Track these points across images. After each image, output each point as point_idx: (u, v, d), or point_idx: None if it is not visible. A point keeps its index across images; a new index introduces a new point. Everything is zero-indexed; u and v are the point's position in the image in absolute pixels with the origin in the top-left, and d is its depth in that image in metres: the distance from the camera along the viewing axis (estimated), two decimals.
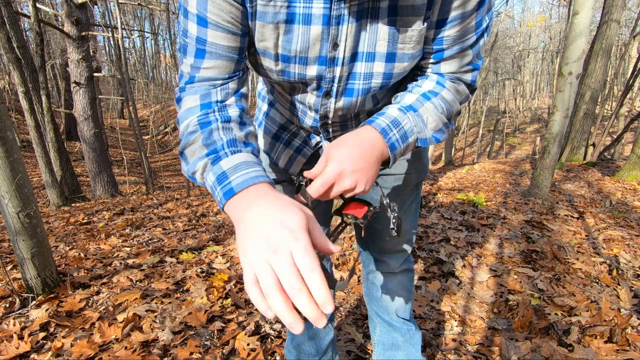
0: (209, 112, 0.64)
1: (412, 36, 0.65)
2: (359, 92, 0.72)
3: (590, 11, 3.70)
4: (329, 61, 0.67)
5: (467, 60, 0.70)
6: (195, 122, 0.63)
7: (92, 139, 7.31)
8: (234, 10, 0.61)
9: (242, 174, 0.55)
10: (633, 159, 5.37)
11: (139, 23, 26.39)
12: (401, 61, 0.68)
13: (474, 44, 0.68)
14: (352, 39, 0.65)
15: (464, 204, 3.69)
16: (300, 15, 0.63)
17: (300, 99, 0.78)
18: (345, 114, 0.79)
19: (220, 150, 0.59)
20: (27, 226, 1.73)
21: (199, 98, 0.64)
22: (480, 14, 0.64)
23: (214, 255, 2.50)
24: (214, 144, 0.60)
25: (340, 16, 0.62)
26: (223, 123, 0.63)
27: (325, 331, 1.16)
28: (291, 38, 0.65)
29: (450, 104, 0.71)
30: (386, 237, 1.00)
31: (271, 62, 0.69)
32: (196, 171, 0.61)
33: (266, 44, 0.66)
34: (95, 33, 7.89)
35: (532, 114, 25.46)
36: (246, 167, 0.56)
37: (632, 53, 12.22)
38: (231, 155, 0.58)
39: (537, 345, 1.48)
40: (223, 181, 0.55)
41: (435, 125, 0.70)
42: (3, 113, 1.69)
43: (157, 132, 23.11)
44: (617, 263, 2.23)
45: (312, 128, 0.85)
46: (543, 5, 35.50)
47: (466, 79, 0.73)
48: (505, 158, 12.10)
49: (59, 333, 1.54)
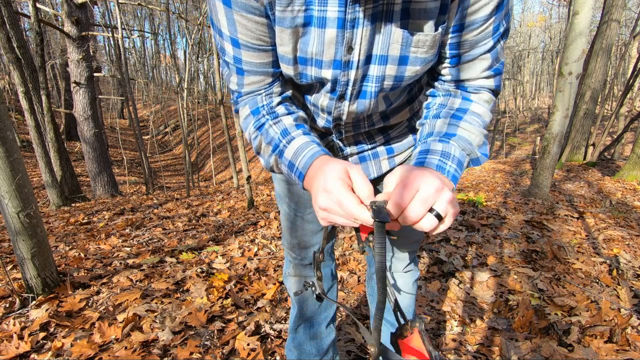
0: (259, 116, 0.73)
1: (426, 40, 0.64)
2: (372, 95, 0.72)
3: (590, 11, 3.70)
4: (344, 65, 0.67)
5: (486, 65, 0.69)
6: (253, 128, 0.73)
7: (92, 139, 7.31)
8: (260, 27, 0.65)
9: (302, 157, 0.65)
10: (633, 159, 5.37)
11: (139, 23, 26.40)
12: (413, 65, 0.67)
13: (491, 49, 0.67)
14: (367, 42, 0.64)
15: (464, 204, 3.69)
16: (316, 18, 0.63)
17: (314, 101, 0.78)
18: (358, 116, 0.79)
19: (279, 143, 0.69)
20: (27, 226, 1.73)
21: (249, 107, 0.74)
22: (497, 19, 0.63)
23: (214, 255, 2.50)
24: (273, 140, 0.70)
25: (355, 19, 0.62)
26: (273, 120, 0.72)
27: (327, 331, 1.16)
28: (307, 40, 0.65)
29: (482, 116, 0.70)
30: (392, 236, 1.00)
31: (290, 67, 0.70)
32: (273, 165, 0.73)
33: (285, 48, 0.67)
34: (95, 33, 7.89)
35: (532, 114, 25.46)
36: (303, 150, 0.66)
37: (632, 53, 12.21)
38: (289, 145, 0.68)
39: (537, 345, 1.48)
40: (292, 168, 0.67)
41: (479, 140, 0.68)
42: (3, 113, 1.69)
43: (157, 132, 23.11)
44: (617, 263, 2.23)
45: (324, 128, 0.85)
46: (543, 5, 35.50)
47: (490, 85, 0.71)
48: (505, 158, 12.10)
49: (59, 333, 1.54)
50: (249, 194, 4.09)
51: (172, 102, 24.97)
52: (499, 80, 0.72)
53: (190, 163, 9.51)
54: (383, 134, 0.89)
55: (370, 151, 0.90)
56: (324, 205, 0.55)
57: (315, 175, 0.60)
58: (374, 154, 0.91)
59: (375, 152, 0.91)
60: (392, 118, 0.85)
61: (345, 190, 0.53)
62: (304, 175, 0.65)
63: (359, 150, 0.90)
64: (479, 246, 2.56)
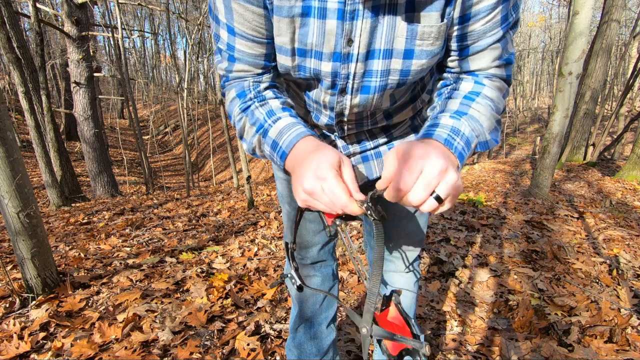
0: (245, 99, 0.72)
1: (431, 32, 0.63)
2: (376, 90, 0.71)
3: (590, 11, 3.70)
4: (344, 57, 0.66)
5: (497, 55, 0.67)
6: (238, 110, 0.73)
7: (92, 139, 7.31)
8: (256, 18, 0.66)
9: (287, 136, 0.65)
10: (633, 159, 5.37)
11: (139, 23, 26.39)
12: (419, 58, 0.66)
13: (501, 39, 0.65)
14: (367, 35, 0.64)
15: (464, 204, 3.69)
16: (316, 9, 0.63)
17: (315, 97, 0.78)
18: (361, 112, 0.78)
19: (264, 123, 0.68)
20: (27, 226, 1.73)
21: (235, 90, 0.74)
22: (505, 8, 0.62)
23: (214, 255, 2.50)
24: (258, 120, 0.69)
25: (354, 11, 0.62)
26: (260, 102, 0.72)
27: (327, 331, 1.15)
28: (307, 31, 0.65)
29: (495, 101, 0.68)
30: (395, 237, 1.00)
31: (287, 58, 0.69)
32: (255, 147, 0.72)
33: (282, 39, 0.67)
34: (95, 33, 7.89)
35: (532, 114, 25.46)
36: (288, 129, 0.65)
37: (632, 53, 12.21)
38: (274, 125, 0.67)
39: (537, 345, 1.48)
40: (276, 147, 0.66)
41: (490, 124, 0.66)
42: (3, 113, 1.69)
43: (157, 132, 23.11)
44: (617, 263, 2.23)
45: (326, 126, 0.84)
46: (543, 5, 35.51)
47: (501, 74, 0.70)
48: (505, 158, 12.10)
49: (59, 333, 1.54)
50: (249, 194, 4.09)
51: (172, 102, 24.97)
52: (510, 70, 0.71)
53: (190, 163, 9.51)
54: (386, 132, 0.89)
55: (373, 151, 0.90)
56: (310, 189, 0.55)
57: (303, 157, 0.60)
58: (377, 153, 0.90)
59: (377, 152, 0.90)
60: (395, 117, 0.84)
61: (339, 180, 0.54)
62: (287, 154, 0.64)
63: (362, 150, 0.89)
64: (479, 246, 2.56)
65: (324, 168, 0.55)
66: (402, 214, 0.96)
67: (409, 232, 0.99)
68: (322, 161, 0.56)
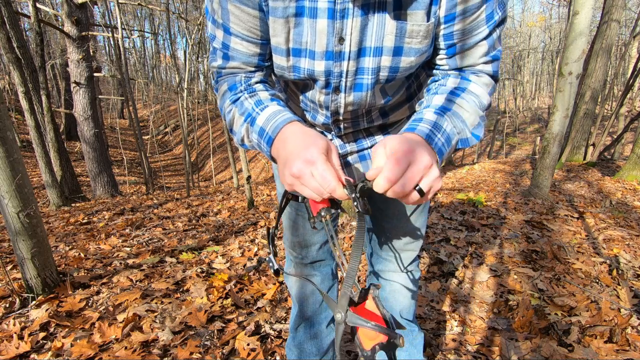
0: (236, 92, 0.74)
1: (419, 31, 0.65)
2: (368, 87, 0.72)
3: (590, 11, 3.70)
4: (336, 55, 0.68)
5: (483, 52, 0.69)
6: (229, 102, 0.74)
7: (92, 139, 7.31)
8: (252, 20, 0.67)
9: (273, 122, 0.66)
10: (633, 159, 5.37)
11: (139, 23, 26.38)
12: (408, 55, 0.68)
13: (487, 36, 0.67)
14: (358, 33, 0.65)
15: (464, 204, 3.69)
16: (308, 8, 0.64)
17: (311, 97, 0.79)
18: (356, 110, 0.79)
19: (252, 112, 0.70)
20: (27, 226, 1.73)
21: (227, 84, 0.76)
22: (489, 6, 0.63)
23: (214, 255, 2.50)
24: (247, 110, 0.71)
25: (344, 10, 0.63)
26: (249, 93, 0.74)
27: (327, 331, 1.16)
28: (301, 31, 0.67)
29: (480, 96, 0.70)
30: (394, 236, 1.00)
31: (283, 58, 0.71)
32: (243, 136, 0.72)
33: (278, 39, 0.68)
34: (95, 33, 7.89)
35: (532, 114, 25.46)
36: (275, 116, 0.66)
37: (632, 53, 12.21)
38: (262, 112, 0.69)
39: (537, 345, 1.48)
40: (262, 134, 0.67)
41: (473, 120, 0.68)
42: (3, 113, 1.69)
43: (157, 132, 23.10)
44: (617, 263, 2.23)
45: (323, 125, 0.85)
46: (543, 5, 35.50)
47: (487, 70, 0.72)
48: (505, 158, 12.10)
49: (59, 333, 1.54)
50: (249, 194, 4.09)
51: (172, 102, 24.97)
52: (497, 66, 0.73)
53: (190, 163, 9.51)
54: (383, 131, 0.89)
55: (370, 149, 0.90)
56: (298, 173, 0.56)
57: (290, 141, 0.61)
58: None
59: None
60: (391, 115, 0.85)
61: (329, 165, 0.55)
62: (273, 139, 0.65)
63: (359, 149, 0.90)
64: (479, 246, 2.56)
65: (314, 152, 0.56)
66: (401, 213, 0.97)
67: (408, 232, 0.99)
68: (311, 145, 0.57)
